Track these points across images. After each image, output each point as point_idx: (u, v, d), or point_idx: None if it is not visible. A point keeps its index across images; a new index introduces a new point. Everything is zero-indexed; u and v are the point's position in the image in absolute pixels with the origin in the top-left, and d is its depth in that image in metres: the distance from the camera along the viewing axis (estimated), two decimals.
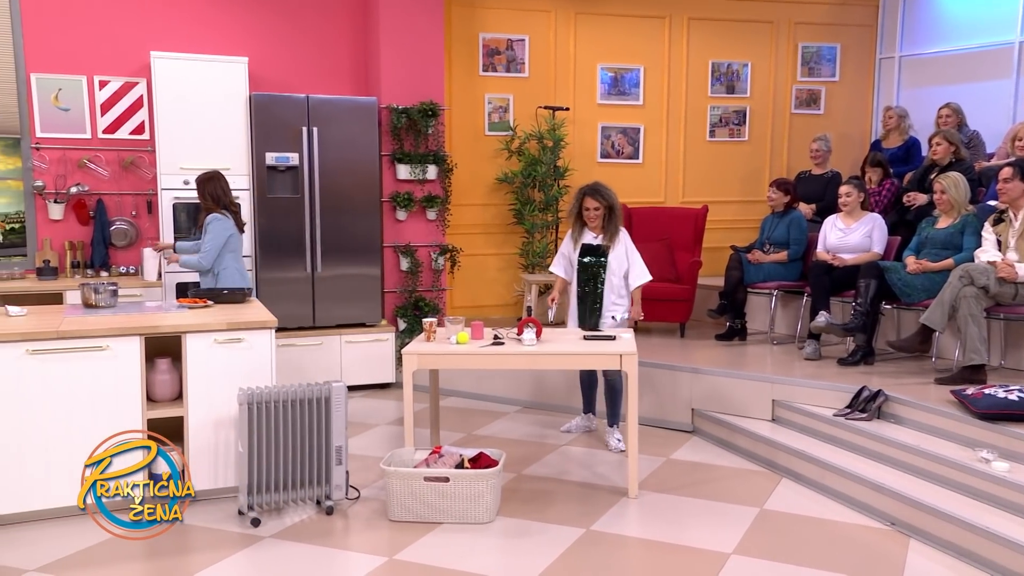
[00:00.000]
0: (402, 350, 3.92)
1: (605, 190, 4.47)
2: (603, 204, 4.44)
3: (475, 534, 3.45)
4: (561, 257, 4.63)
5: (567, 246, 4.60)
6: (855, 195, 5.25)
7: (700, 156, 7.34)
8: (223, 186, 4.67)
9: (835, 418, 4.21)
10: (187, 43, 5.75)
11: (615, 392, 4.53)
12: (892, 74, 7.41)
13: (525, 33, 6.81)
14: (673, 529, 3.51)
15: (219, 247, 4.57)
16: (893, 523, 3.52)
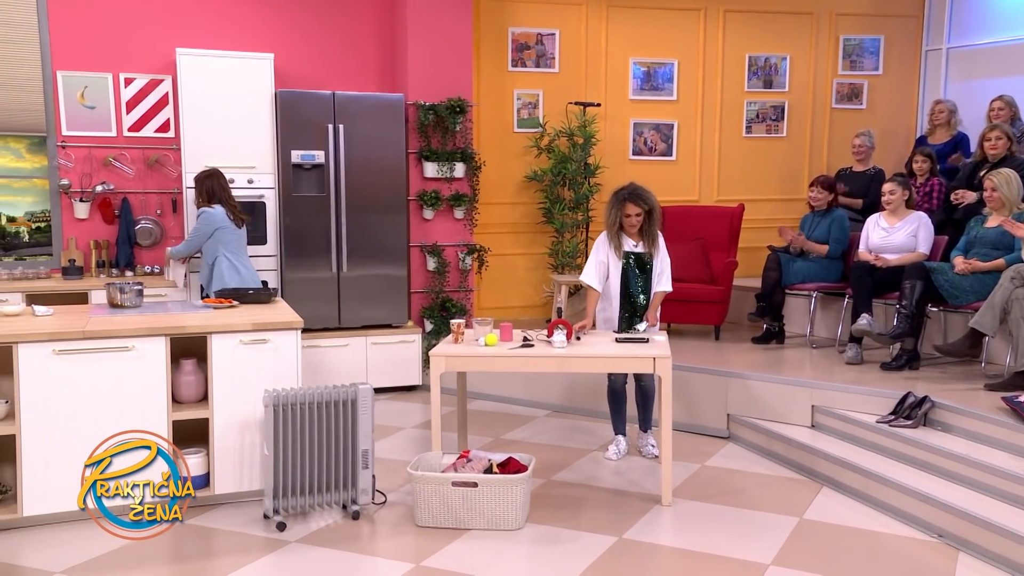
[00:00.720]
0: (429, 352, 3.93)
1: (645, 193, 4.29)
2: (643, 209, 4.28)
3: (504, 541, 3.44)
4: (598, 266, 4.35)
5: (603, 253, 4.35)
6: (899, 193, 5.17)
7: (736, 153, 7.28)
8: (221, 183, 4.98)
9: (878, 425, 4.15)
10: (212, 40, 5.82)
11: (648, 396, 4.47)
12: (939, 67, 7.28)
13: (555, 27, 6.80)
14: (708, 538, 3.48)
15: (203, 236, 4.90)
16: (941, 535, 3.46)
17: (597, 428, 5.06)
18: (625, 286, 4.33)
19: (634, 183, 4.36)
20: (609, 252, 4.35)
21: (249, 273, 4.97)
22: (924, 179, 5.77)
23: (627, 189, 4.32)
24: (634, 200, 4.28)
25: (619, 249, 4.33)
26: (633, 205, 4.28)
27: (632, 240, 4.36)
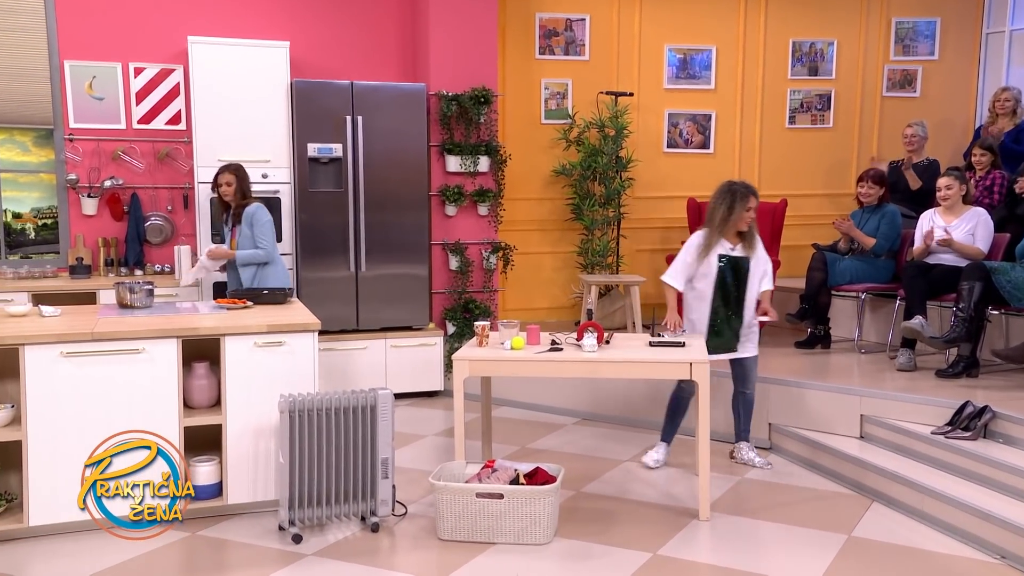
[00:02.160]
0: (452, 356, 3.94)
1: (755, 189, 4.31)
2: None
3: (531, 556, 3.44)
4: (685, 268, 4.32)
5: (692, 254, 4.30)
6: (956, 188, 5.09)
7: (778, 145, 7.22)
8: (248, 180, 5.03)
9: (934, 436, 4.09)
10: (226, 27, 5.88)
11: (750, 406, 4.50)
12: (1000, 51, 7.16)
13: (585, 12, 6.79)
14: (749, 556, 3.45)
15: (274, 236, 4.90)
16: (1004, 556, 3.40)
17: (630, 437, 5.03)
18: (720, 290, 4.27)
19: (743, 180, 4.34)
20: (703, 254, 4.27)
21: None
22: (985, 172, 5.68)
23: (741, 183, 4.28)
24: (755, 194, 4.26)
25: (711, 250, 4.26)
26: (755, 199, 4.26)
27: (729, 243, 4.28)
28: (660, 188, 7.00)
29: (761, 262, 4.36)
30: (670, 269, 4.40)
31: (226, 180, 4.88)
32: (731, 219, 4.23)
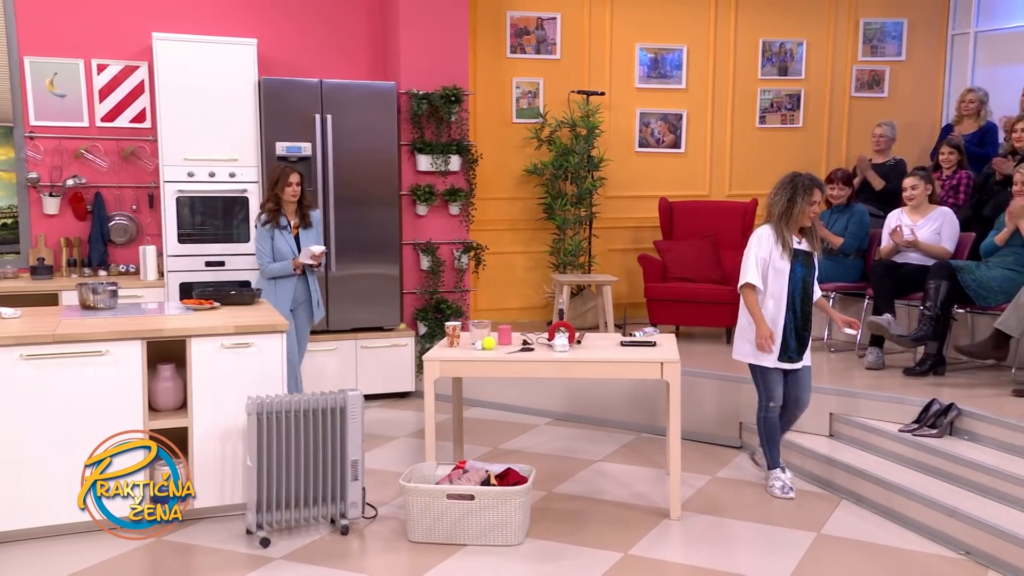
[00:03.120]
0: (423, 356, 3.93)
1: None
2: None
3: (502, 557, 3.44)
4: (760, 263, 3.98)
5: (766, 249, 3.97)
6: (922, 187, 5.17)
7: (749, 145, 7.29)
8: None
9: (901, 434, 4.15)
10: (191, 24, 5.82)
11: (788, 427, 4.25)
12: (966, 52, 7.29)
13: (556, 11, 6.81)
14: (720, 555, 3.48)
15: None
16: (968, 552, 3.46)
17: (602, 437, 5.06)
18: (792, 290, 3.97)
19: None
20: (774, 249, 3.97)
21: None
22: (951, 171, 5.78)
23: (807, 175, 3.99)
24: (820, 187, 4.00)
25: (787, 246, 3.96)
26: (820, 192, 3.98)
27: (795, 236, 4.01)
28: (632, 187, 7.04)
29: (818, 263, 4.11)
30: (745, 269, 3.99)
31: (297, 180, 4.77)
32: (793, 213, 3.93)
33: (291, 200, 4.83)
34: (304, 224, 4.89)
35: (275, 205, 4.82)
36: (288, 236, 4.83)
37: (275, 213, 4.80)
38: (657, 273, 6.20)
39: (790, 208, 3.94)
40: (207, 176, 5.53)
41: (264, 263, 4.79)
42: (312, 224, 4.91)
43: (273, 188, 4.82)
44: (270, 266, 4.77)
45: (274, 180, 4.81)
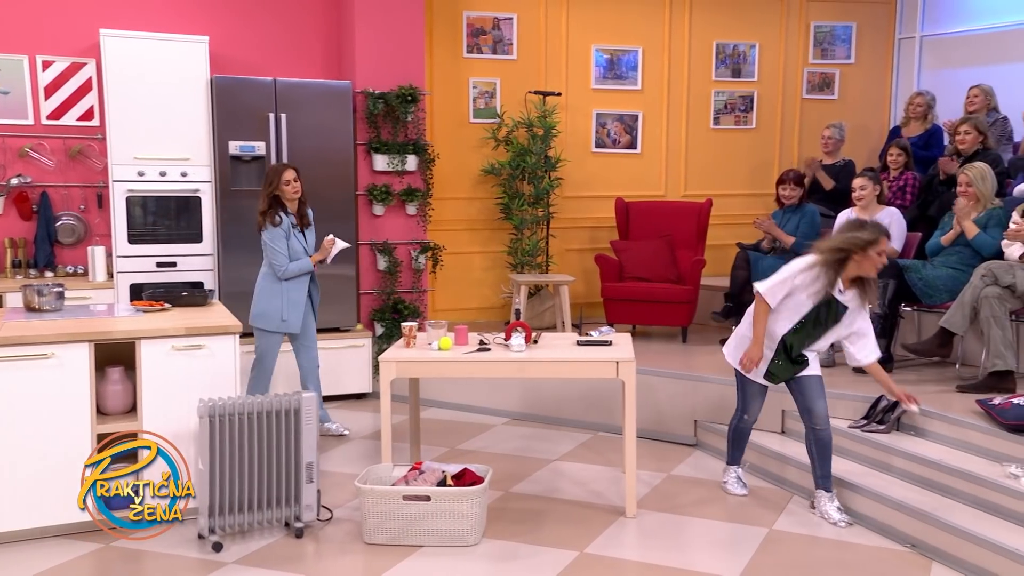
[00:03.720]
0: (379, 357, 3.91)
1: None
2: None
3: (459, 558, 3.44)
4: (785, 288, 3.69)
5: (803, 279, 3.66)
6: (870, 188, 5.28)
7: (703, 145, 7.37)
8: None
9: (850, 430, 4.23)
10: (141, 20, 5.72)
11: (825, 447, 3.80)
12: (912, 56, 7.46)
13: (513, 11, 6.81)
14: (674, 552, 3.52)
15: None
16: (914, 545, 3.54)
17: (559, 436, 5.08)
18: (798, 330, 3.75)
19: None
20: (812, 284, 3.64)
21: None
22: (898, 173, 5.91)
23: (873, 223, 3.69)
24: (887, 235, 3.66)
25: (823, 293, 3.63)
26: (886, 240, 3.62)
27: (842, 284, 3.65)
28: (589, 188, 7.08)
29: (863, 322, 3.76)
30: (771, 282, 3.71)
31: (292, 176, 4.65)
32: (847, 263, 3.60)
33: (293, 198, 4.70)
34: (304, 223, 4.81)
35: (272, 206, 4.65)
36: (299, 234, 4.75)
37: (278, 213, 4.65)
38: (614, 273, 6.24)
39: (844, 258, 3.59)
40: (158, 175, 5.44)
41: (283, 264, 4.66)
42: (312, 223, 4.85)
43: (268, 188, 4.65)
44: (289, 267, 4.66)
45: (268, 181, 4.66)
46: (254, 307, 4.77)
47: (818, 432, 3.78)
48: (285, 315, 4.72)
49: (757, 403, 4.04)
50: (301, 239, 4.77)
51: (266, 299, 4.73)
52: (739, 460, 4.22)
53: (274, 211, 4.65)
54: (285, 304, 4.72)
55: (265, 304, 4.73)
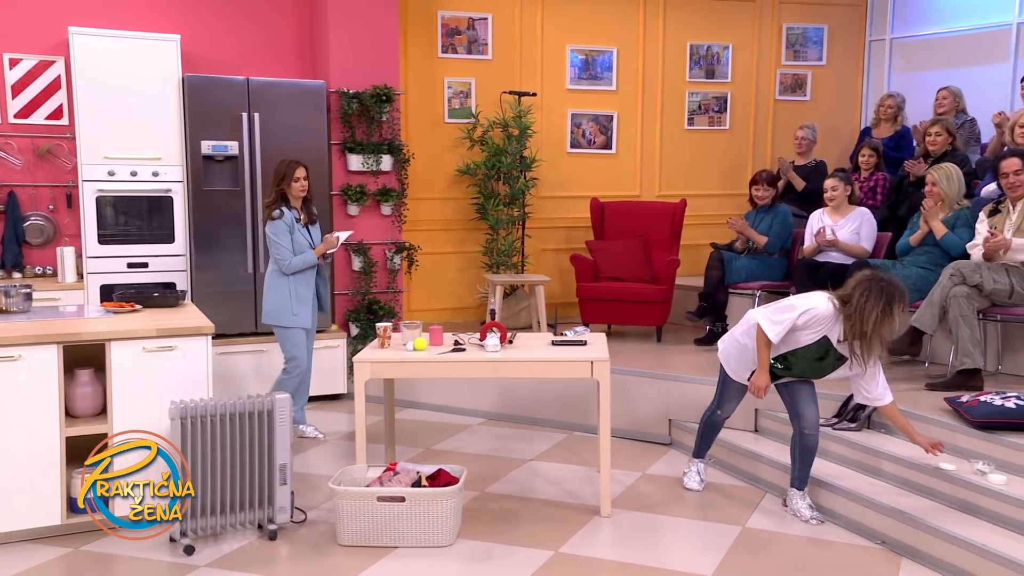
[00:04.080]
0: (353, 358, 3.89)
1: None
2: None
3: (434, 558, 3.44)
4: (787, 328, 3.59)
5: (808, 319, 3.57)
6: (841, 189, 5.34)
7: (678, 146, 7.41)
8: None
9: (822, 428, 4.25)
10: (110, 18, 5.65)
11: (809, 452, 3.82)
12: (883, 57, 7.56)
13: (488, 11, 6.81)
14: (649, 550, 3.53)
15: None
16: (884, 541, 3.59)
17: (535, 436, 5.09)
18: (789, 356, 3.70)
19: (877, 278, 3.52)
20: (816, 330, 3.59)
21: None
22: (869, 173, 5.98)
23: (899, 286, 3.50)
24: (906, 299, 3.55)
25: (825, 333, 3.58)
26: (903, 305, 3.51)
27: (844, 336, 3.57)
28: (564, 188, 7.10)
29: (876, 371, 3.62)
30: (775, 322, 3.61)
31: (303, 174, 4.65)
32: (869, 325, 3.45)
33: (299, 196, 4.70)
34: (311, 219, 4.79)
35: (278, 201, 4.65)
36: (303, 229, 4.73)
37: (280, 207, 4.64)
38: (589, 273, 6.26)
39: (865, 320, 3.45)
40: (129, 175, 5.38)
41: (286, 258, 4.64)
42: (316, 219, 4.82)
43: (279, 184, 4.65)
44: (293, 260, 4.64)
45: (280, 176, 4.65)
46: (264, 304, 4.77)
47: (806, 436, 3.78)
48: (295, 310, 4.70)
49: (734, 403, 4.08)
50: (306, 234, 4.75)
51: (274, 295, 4.72)
52: (704, 454, 4.26)
53: (277, 205, 4.64)
54: (293, 300, 4.70)
55: (274, 300, 4.72)
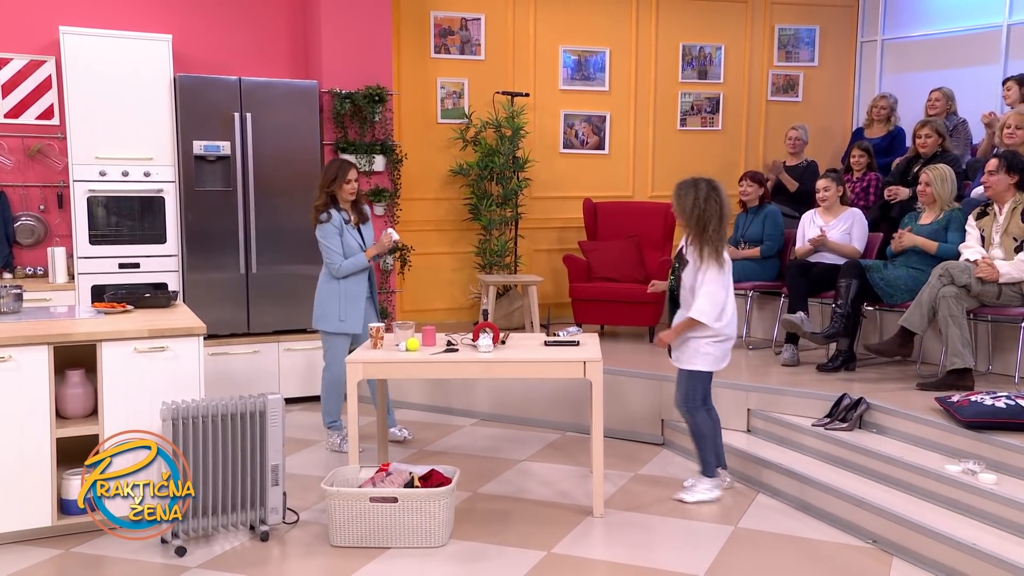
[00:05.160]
0: (346, 359, 3.89)
1: (677, 191, 4.03)
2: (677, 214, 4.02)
3: (426, 559, 3.43)
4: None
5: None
6: (833, 189, 5.35)
7: (671, 146, 7.42)
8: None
9: (814, 428, 4.28)
10: (102, 18, 5.63)
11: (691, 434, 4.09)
12: (874, 59, 7.58)
13: (480, 12, 6.81)
14: (641, 551, 3.54)
15: None
16: (875, 541, 3.60)
17: (528, 437, 5.09)
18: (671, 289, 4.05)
19: (693, 178, 4.02)
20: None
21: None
22: (861, 174, 5.99)
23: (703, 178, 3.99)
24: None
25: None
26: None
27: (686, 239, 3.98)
28: (557, 188, 7.10)
29: (699, 282, 3.88)
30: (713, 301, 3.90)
31: (355, 176, 4.56)
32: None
33: (349, 199, 4.60)
34: (362, 219, 4.69)
35: (328, 203, 4.56)
36: (352, 230, 4.62)
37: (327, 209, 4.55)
38: (582, 273, 6.26)
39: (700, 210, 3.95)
40: (120, 175, 5.36)
41: (336, 261, 4.54)
42: (368, 218, 4.73)
43: (329, 186, 4.55)
44: (343, 264, 4.54)
45: (331, 177, 4.54)
46: (315, 308, 4.68)
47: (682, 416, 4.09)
48: (343, 315, 4.58)
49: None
50: (356, 235, 4.64)
51: (324, 299, 4.63)
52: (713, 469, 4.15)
53: (325, 207, 4.55)
54: (343, 303, 4.59)
55: (324, 304, 4.63)
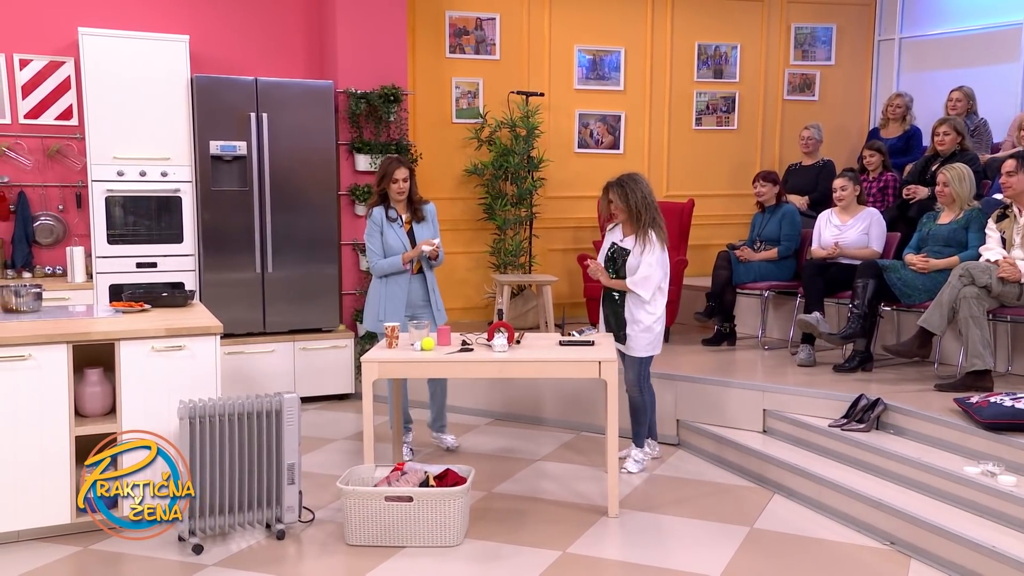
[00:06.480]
0: (361, 358, 3.90)
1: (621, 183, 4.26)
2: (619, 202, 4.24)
3: (441, 558, 3.44)
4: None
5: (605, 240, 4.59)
6: (851, 189, 5.32)
7: (685, 146, 7.40)
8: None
9: (831, 429, 4.26)
10: (120, 19, 5.67)
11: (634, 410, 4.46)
12: (891, 57, 7.53)
13: (496, 11, 6.81)
14: (656, 551, 3.53)
15: None
16: (893, 542, 3.57)
17: (542, 437, 5.09)
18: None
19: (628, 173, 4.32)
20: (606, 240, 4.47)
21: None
22: (877, 174, 5.95)
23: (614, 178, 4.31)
24: (609, 189, 4.30)
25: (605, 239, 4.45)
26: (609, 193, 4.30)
27: (622, 233, 4.37)
28: (571, 188, 7.09)
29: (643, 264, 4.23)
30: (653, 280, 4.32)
31: (404, 175, 4.49)
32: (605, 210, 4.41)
33: (399, 198, 4.54)
34: (417, 218, 4.61)
35: (380, 201, 4.55)
36: (399, 230, 4.52)
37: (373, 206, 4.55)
38: None
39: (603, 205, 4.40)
40: (138, 175, 5.40)
41: (372, 260, 4.52)
42: (426, 217, 4.62)
43: (379, 183, 4.53)
44: (379, 263, 4.50)
45: (380, 175, 4.53)
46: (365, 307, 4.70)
47: (629, 396, 4.41)
48: (382, 314, 4.53)
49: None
50: (401, 235, 4.54)
51: (370, 297, 4.63)
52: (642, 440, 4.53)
53: (376, 204, 4.55)
54: (383, 302, 4.54)
55: (369, 303, 4.63)
